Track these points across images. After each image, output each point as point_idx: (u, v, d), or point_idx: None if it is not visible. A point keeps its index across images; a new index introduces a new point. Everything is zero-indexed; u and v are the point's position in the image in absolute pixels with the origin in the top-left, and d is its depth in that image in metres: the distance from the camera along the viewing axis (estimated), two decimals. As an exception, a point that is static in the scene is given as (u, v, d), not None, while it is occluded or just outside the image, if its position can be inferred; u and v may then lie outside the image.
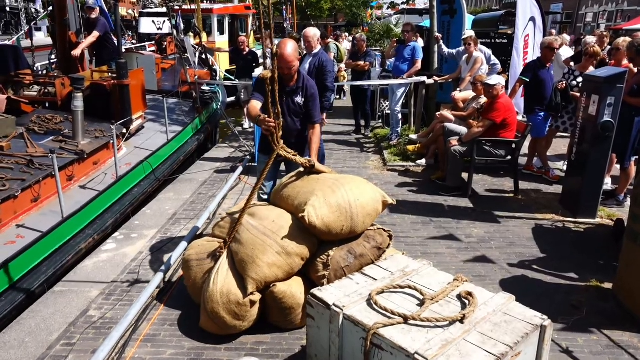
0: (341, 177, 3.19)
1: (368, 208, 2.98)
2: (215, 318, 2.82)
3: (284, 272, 2.85)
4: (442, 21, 8.23)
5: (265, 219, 2.98)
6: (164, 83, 9.31)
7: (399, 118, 7.93)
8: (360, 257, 2.94)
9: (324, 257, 2.91)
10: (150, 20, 17.48)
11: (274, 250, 2.81)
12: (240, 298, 2.79)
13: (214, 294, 2.81)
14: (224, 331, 2.91)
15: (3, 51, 6.76)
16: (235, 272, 2.91)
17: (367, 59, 8.85)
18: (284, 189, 3.18)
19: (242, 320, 2.86)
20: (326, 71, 5.88)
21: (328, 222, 2.84)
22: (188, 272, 3.20)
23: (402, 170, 6.73)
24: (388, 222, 5.01)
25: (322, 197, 2.88)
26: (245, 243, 2.90)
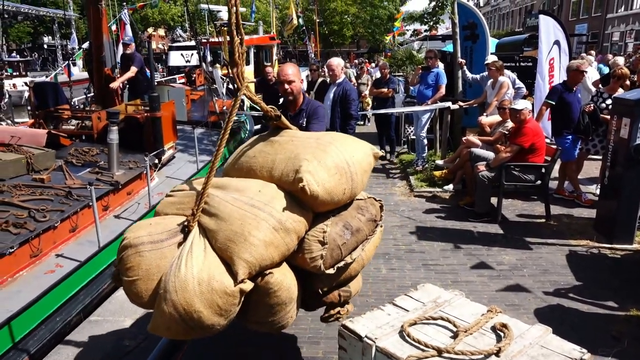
0: (321, 134, 2.66)
1: (364, 163, 2.53)
2: (187, 313, 2.05)
3: (280, 253, 2.22)
4: (464, 46, 8.28)
5: (246, 189, 2.33)
6: (193, 114, 9.60)
7: (424, 143, 7.93)
8: (356, 232, 2.50)
9: (318, 234, 2.35)
10: (179, 54, 18.15)
11: (269, 225, 2.17)
12: (227, 286, 2.07)
13: (188, 280, 2.06)
14: (192, 332, 2.15)
15: (44, 88, 7.14)
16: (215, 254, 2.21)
17: (390, 85, 8.95)
18: (249, 159, 2.54)
19: (224, 317, 2.13)
20: (350, 100, 5.98)
21: (330, 188, 2.32)
22: (136, 261, 2.26)
23: (430, 196, 6.69)
24: (417, 249, 4.98)
25: (314, 160, 2.33)
26: (228, 217, 2.22)
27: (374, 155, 2.65)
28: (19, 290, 3.65)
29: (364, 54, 48.21)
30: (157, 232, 2.34)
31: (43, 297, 3.62)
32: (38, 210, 4.37)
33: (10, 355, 3.22)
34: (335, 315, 2.73)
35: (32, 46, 44.50)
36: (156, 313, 2.15)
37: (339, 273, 2.50)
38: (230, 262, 2.13)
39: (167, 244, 2.29)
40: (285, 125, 2.67)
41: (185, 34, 24.24)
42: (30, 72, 29.78)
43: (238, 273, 2.09)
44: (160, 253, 2.26)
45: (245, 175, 2.51)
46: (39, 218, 4.26)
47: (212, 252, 2.19)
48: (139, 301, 2.26)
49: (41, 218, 4.28)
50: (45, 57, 41.19)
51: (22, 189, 4.68)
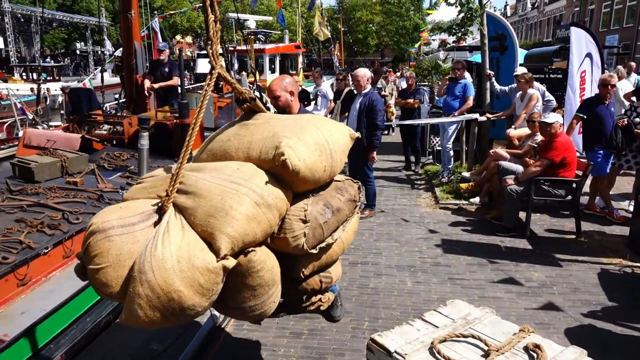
0: (296, 115, 2.61)
1: (342, 143, 2.45)
2: (165, 294, 1.87)
3: (262, 230, 2.08)
4: (492, 57, 8.20)
5: (223, 168, 2.21)
6: (220, 120, 9.72)
7: (450, 155, 7.87)
8: (337, 211, 2.41)
9: (299, 212, 2.26)
10: (206, 61, 18.42)
11: (250, 199, 2.04)
12: (209, 262, 1.92)
13: (166, 259, 1.89)
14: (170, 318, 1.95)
15: (78, 93, 7.35)
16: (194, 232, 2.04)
17: (416, 96, 8.92)
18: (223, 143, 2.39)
19: (206, 297, 1.95)
20: (376, 110, 6.00)
21: (311, 164, 2.21)
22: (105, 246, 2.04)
23: (455, 209, 6.62)
24: (442, 262, 4.93)
25: (294, 136, 2.23)
26: (207, 194, 2.08)
27: (350, 136, 2.58)
28: (52, 290, 3.74)
29: (388, 62, 48.22)
30: (128, 215, 2.13)
31: (75, 297, 3.71)
32: (71, 212, 4.48)
33: (42, 353, 3.30)
34: (317, 303, 2.64)
35: (65, 52, 45.91)
36: (129, 299, 1.95)
37: (320, 255, 2.43)
38: (211, 238, 1.98)
39: (140, 227, 2.10)
40: (260, 109, 2.52)
41: (212, 42, 24.57)
42: (63, 77, 30.74)
43: (220, 248, 1.94)
44: (133, 237, 2.06)
45: (220, 159, 2.35)
46: (73, 220, 4.37)
47: (190, 230, 2.03)
48: (107, 291, 2.04)
49: (74, 220, 4.39)
50: (78, 63, 42.44)
51: (56, 191, 4.81)
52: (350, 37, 45.65)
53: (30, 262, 3.51)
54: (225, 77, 2.43)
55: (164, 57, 7.95)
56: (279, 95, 3.15)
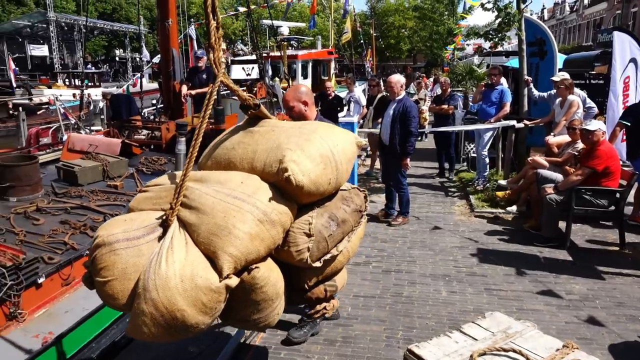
0: (302, 123, 2.52)
1: (348, 152, 2.40)
2: (169, 312, 1.91)
3: (266, 247, 2.08)
4: (530, 63, 8.01)
5: (227, 181, 2.18)
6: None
7: (486, 162, 7.71)
8: (342, 223, 2.38)
9: (303, 226, 2.23)
10: (240, 67, 18.75)
11: (254, 217, 2.04)
12: (212, 282, 1.94)
13: (170, 277, 1.92)
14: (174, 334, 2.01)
15: (119, 100, 7.60)
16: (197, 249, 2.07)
17: (451, 102, 8.80)
18: (228, 151, 2.36)
19: (209, 315, 1.99)
20: (410, 116, 5.95)
21: (315, 178, 2.18)
22: (111, 260, 2.10)
23: (491, 217, 6.47)
24: (478, 272, 4.83)
25: (298, 149, 2.18)
26: (210, 210, 2.08)
27: (356, 144, 2.54)
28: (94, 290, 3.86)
29: (420, 67, 47.81)
30: (132, 228, 2.17)
31: None
32: (112, 215, 4.62)
33: (84, 352, 3.40)
34: (322, 311, 2.64)
35: (105, 59, 47.59)
36: (134, 314, 2.00)
37: (325, 266, 2.40)
38: (214, 256, 2.00)
39: (145, 240, 2.13)
40: (265, 115, 2.49)
41: (246, 48, 25.03)
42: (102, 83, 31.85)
43: (223, 268, 1.96)
44: (137, 250, 2.10)
45: (224, 168, 2.34)
46: (113, 223, 4.51)
47: (194, 247, 2.06)
48: (114, 303, 2.11)
49: (115, 223, 4.53)
50: (117, 69, 43.89)
51: (98, 194, 4.98)
52: (382, 43, 45.51)
53: (74, 262, 3.62)
54: (227, 84, 2.39)
55: (202, 64, 8.12)
56: (293, 105, 3.22)
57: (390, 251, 5.39)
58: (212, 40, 2.28)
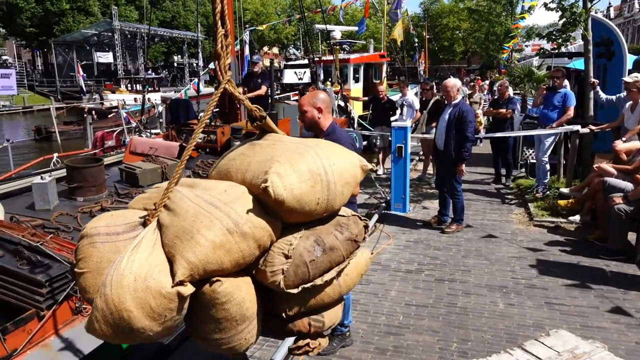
0: (305, 140, 2.41)
1: (346, 174, 2.21)
2: (117, 311, 1.84)
3: (232, 260, 1.97)
4: (596, 64, 7.56)
5: (212, 188, 2.15)
6: (304, 131, 9.94)
7: (546, 169, 7.35)
8: (330, 250, 2.16)
9: (284, 246, 2.10)
10: (292, 72, 19.00)
11: (223, 225, 1.96)
12: (163, 286, 1.85)
13: (125, 275, 1.87)
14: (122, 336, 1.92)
15: (177, 104, 7.88)
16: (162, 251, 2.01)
17: (509, 105, 8.47)
18: (229, 162, 2.34)
19: (157, 322, 1.88)
20: (466, 121, 5.77)
21: (299, 195, 2.04)
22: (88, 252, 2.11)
23: (552, 227, 6.15)
24: (538, 284, 4.59)
25: (286, 162, 2.10)
26: (182, 213, 2.04)
27: (361, 168, 2.32)
28: None
29: (475, 70, 46.48)
30: (115, 223, 2.19)
31: None
32: (170, 216, 4.79)
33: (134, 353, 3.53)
34: (304, 348, 2.41)
35: (164, 64, 49.75)
36: (92, 308, 1.95)
37: (307, 296, 2.21)
38: (173, 260, 1.93)
39: (123, 237, 2.13)
40: (271, 128, 2.42)
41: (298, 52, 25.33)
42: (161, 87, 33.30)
43: (176, 273, 1.87)
44: (114, 246, 2.09)
45: (223, 178, 2.30)
46: (171, 224, 4.67)
47: (160, 248, 1.99)
48: (86, 297, 2.08)
49: (172, 224, 4.69)
50: (175, 74, 45.76)
51: (157, 196, 5.19)
52: (435, 45, 44.69)
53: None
54: (232, 92, 2.32)
55: (257, 68, 8.28)
56: (306, 110, 3.16)
57: (443, 259, 5.24)
58: (218, 47, 2.20)
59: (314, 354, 2.41)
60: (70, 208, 4.75)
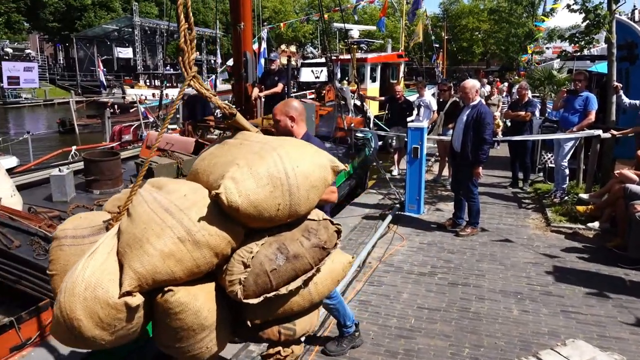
0: (272, 139, 2.27)
1: (312, 177, 2.06)
2: (69, 320, 1.83)
3: (184, 269, 1.91)
4: (619, 68, 7.39)
5: (174, 192, 2.07)
6: (321, 129, 9.91)
7: (565, 174, 7.21)
8: (294, 258, 2.06)
9: (244, 254, 2.00)
10: (309, 70, 18.99)
11: (174, 234, 1.89)
12: (110, 296, 1.83)
13: (77, 283, 1.85)
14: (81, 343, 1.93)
15: (194, 101, 7.93)
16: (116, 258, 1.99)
17: (528, 108, 8.33)
18: (199, 161, 2.26)
19: (107, 332, 1.86)
20: (485, 123, 5.69)
21: (257, 201, 1.94)
22: (57, 254, 2.16)
23: (569, 233, 6.03)
24: (554, 291, 4.50)
25: (245, 166, 2.00)
26: (136, 219, 1.98)
27: (332, 169, 2.17)
28: None
29: (494, 71, 45.94)
30: (82, 226, 2.21)
31: None
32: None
33: None
34: (275, 356, 2.31)
35: (182, 60, 50.09)
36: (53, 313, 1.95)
37: (272, 305, 2.10)
38: (122, 269, 1.89)
39: (88, 240, 2.14)
40: (242, 126, 2.30)
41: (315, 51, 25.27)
42: (179, 84, 33.57)
43: (123, 283, 1.84)
44: (80, 250, 2.09)
45: (192, 178, 2.23)
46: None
47: (115, 256, 1.96)
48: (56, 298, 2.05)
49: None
50: (193, 71, 46.01)
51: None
52: (454, 46, 44.25)
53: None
54: (198, 89, 2.20)
55: (274, 66, 8.28)
56: (279, 119, 3.10)
57: (457, 263, 5.18)
58: (181, 41, 2.13)
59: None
60: (86, 200, 4.80)
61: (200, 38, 44.49)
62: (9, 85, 34.07)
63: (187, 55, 2.14)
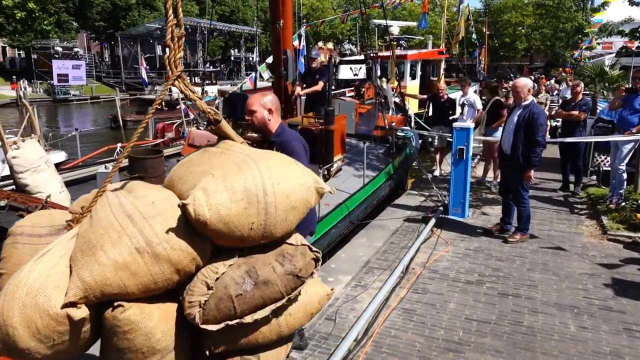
0: (254, 151, 2.08)
1: (293, 198, 1.88)
2: (4, 326, 1.65)
3: (138, 284, 1.72)
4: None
5: (142, 197, 1.91)
6: (360, 127, 9.75)
7: (623, 178, 6.77)
8: (263, 284, 1.84)
9: (209, 274, 1.81)
10: (348, 67, 18.80)
11: (132, 244, 1.72)
12: (52, 306, 1.65)
13: (20, 286, 1.68)
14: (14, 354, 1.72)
15: (235, 98, 7.92)
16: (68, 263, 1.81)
17: (582, 107, 7.87)
18: (177, 167, 2.12)
19: (44, 345, 1.68)
20: (537, 124, 5.39)
21: (227, 217, 1.76)
22: (9, 252, 2.01)
23: (629, 242, 5.63)
24: (615, 307, 4.19)
25: (220, 177, 1.84)
26: (95, 223, 1.83)
27: (316, 190, 1.96)
28: None
29: (538, 68, 44.27)
30: (41, 224, 2.06)
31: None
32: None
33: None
34: None
35: (221, 58, 50.95)
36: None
37: (234, 334, 1.88)
38: (70, 277, 1.71)
39: (45, 240, 1.98)
40: (226, 134, 2.14)
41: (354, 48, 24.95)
42: (218, 81, 34.12)
43: (67, 292, 1.66)
44: (34, 249, 1.92)
45: (168, 185, 2.07)
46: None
47: (67, 260, 1.78)
48: None
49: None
50: (231, 68, 46.73)
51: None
52: (496, 41, 42.91)
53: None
54: (182, 90, 2.04)
55: (316, 64, 8.17)
56: (255, 110, 3.01)
57: (506, 271, 4.92)
58: (168, 38, 2.00)
59: None
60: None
61: (240, 36, 45.07)
62: (58, 82, 35.58)
63: (173, 53, 2.00)
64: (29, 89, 34.25)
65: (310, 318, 2.07)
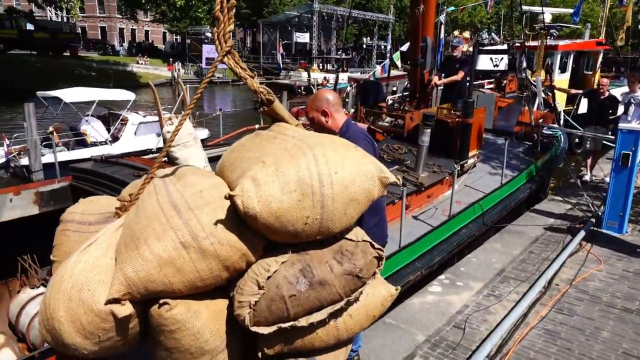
0: (310, 135, 1.84)
1: (353, 188, 1.65)
2: (50, 319, 1.57)
3: (184, 281, 1.58)
4: None
5: (190, 186, 1.76)
6: (499, 122, 9.00)
7: None
8: (319, 285, 1.65)
9: (260, 271, 1.63)
10: (487, 57, 17.55)
11: (177, 237, 1.58)
12: (96, 301, 1.54)
13: (65, 278, 1.58)
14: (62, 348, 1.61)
15: (368, 86, 7.81)
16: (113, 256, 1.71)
17: None
18: (228, 153, 1.94)
19: (90, 341, 1.57)
20: None
21: (279, 210, 1.57)
22: (60, 240, 1.94)
23: None
24: None
25: (272, 165, 1.63)
26: (140, 212, 1.70)
27: (380, 181, 1.70)
28: None
29: None
30: (91, 211, 1.98)
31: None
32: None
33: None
34: None
35: (353, 45, 51.42)
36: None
37: (288, 337, 1.69)
38: (114, 272, 1.58)
39: (95, 228, 1.89)
40: (280, 116, 1.93)
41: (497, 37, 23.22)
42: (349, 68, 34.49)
43: (111, 288, 1.54)
44: (84, 237, 1.84)
45: (218, 172, 1.89)
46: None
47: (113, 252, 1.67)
48: None
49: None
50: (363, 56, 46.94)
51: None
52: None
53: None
54: (232, 67, 1.84)
55: (457, 53, 7.70)
56: (312, 116, 2.70)
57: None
58: (217, 9, 1.76)
59: None
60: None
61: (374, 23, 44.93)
62: (206, 65, 39.12)
63: (223, 26, 1.79)
64: (182, 70, 38.17)
65: (372, 321, 1.85)
